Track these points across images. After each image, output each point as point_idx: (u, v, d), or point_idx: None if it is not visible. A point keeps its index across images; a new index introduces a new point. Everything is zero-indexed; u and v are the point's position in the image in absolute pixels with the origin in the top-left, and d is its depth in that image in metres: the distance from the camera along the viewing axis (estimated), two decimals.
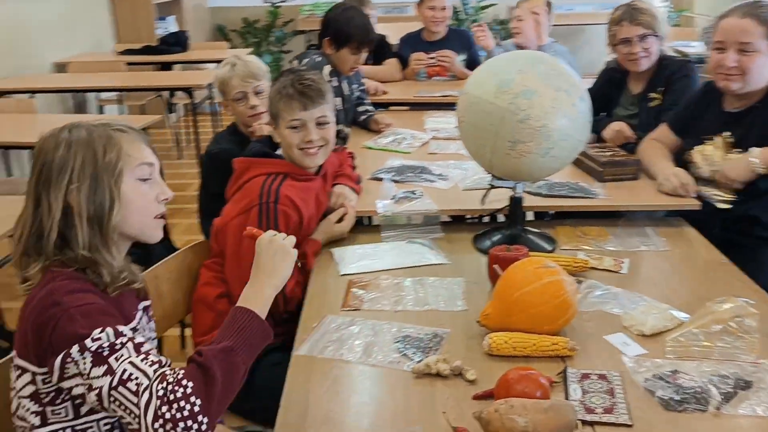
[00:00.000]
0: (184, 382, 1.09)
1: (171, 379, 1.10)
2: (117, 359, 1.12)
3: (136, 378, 1.10)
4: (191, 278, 1.96)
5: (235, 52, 5.82)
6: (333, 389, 1.39)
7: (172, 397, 1.07)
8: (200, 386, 1.10)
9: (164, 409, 1.07)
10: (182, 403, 1.07)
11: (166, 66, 5.85)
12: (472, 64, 3.83)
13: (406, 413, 1.31)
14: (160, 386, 1.09)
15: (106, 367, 1.11)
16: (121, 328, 1.16)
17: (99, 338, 1.12)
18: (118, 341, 1.13)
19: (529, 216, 2.44)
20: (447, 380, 1.40)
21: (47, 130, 1.28)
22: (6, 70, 4.94)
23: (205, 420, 1.09)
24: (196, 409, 1.08)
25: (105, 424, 1.26)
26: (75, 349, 1.11)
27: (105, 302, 1.21)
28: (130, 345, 1.14)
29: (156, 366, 1.12)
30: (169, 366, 1.15)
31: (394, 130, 3.06)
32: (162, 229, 1.36)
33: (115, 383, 1.09)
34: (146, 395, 1.08)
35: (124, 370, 1.11)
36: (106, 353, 1.12)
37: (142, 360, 1.13)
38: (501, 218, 2.16)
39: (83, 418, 1.24)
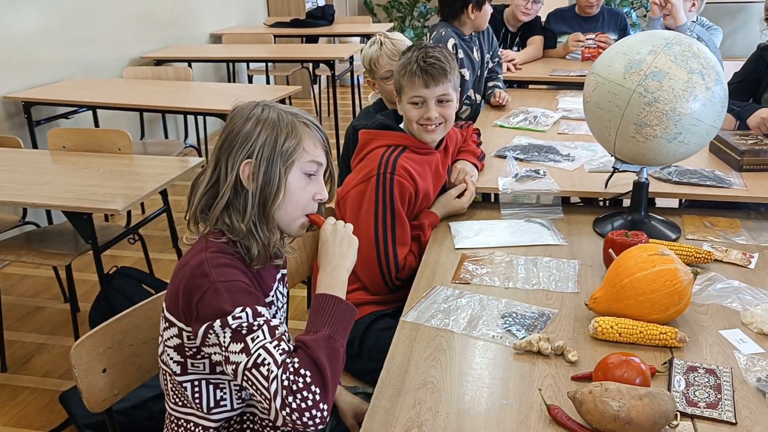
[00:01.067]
0: (302, 371, 1.17)
1: (291, 369, 1.17)
2: (253, 339, 1.19)
3: (268, 364, 1.17)
4: (314, 241, 2.08)
5: (378, 27, 5.94)
6: (434, 356, 1.44)
7: (295, 387, 1.15)
8: (315, 375, 1.17)
9: (290, 399, 1.15)
10: (305, 393, 1.15)
11: (312, 39, 6.08)
12: None
13: (502, 387, 1.34)
14: (284, 376, 1.17)
15: (242, 345, 1.18)
16: (260, 308, 1.23)
17: (240, 317, 1.20)
18: (255, 322, 1.20)
19: (661, 203, 2.37)
20: (548, 359, 1.42)
21: (242, 102, 1.36)
22: (167, 40, 5.34)
23: (325, 407, 1.16)
24: (318, 398, 1.15)
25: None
26: (218, 323, 1.20)
27: (248, 278, 1.30)
28: (266, 327, 1.21)
29: (284, 356, 1.19)
30: (292, 353, 1.23)
31: (524, 108, 3.03)
32: (305, 230, 1.42)
33: (250, 365, 1.18)
34: (275, 384, 1.16)
35: (259, 354, 1.17)
36: (244, 332, 1.19)
37: (275, 347, 1.19)
38: (627, 203, 2.11)
39: (218, 374, 1.36)
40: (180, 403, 1.38)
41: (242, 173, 1.30)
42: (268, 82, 5.73)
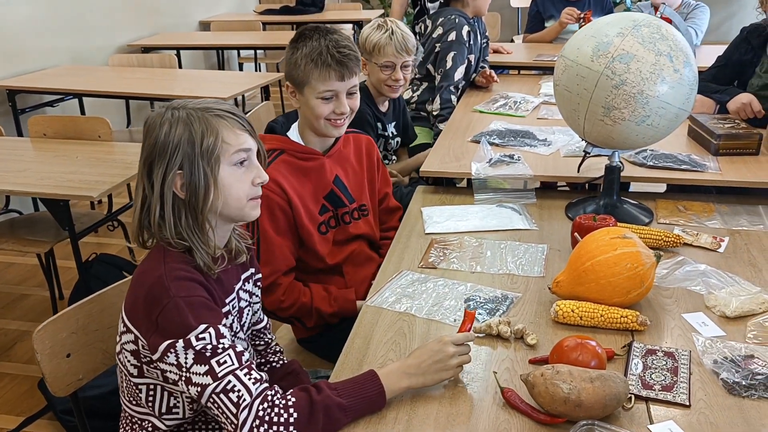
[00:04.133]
0: (292, 411, 1.15)
1: (278, 402, 1.15)
2: (219, 363, 1.17)
3: (239, 391, 1.16)
4: None
5: (370, 14, 5.91)
6: (394, 340, 1.44)
7: (275, 419, 1.14)
8: (303, 422, 1.15)
9: (261, 429, 1.14)
10: (281, 429, 1.14)
11: (302, 26, 6.05)
12: None
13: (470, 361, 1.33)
14: (261, 406, 1.14)
15: (207, 367, 1.17)
16: (222, 329, 1.21)
17: (203, 338, 1.18)
18: (219, 345, 1.18)
19: (648, 188, 2.35)
20: (507, 343, 1.41)
21: (154, 112, 1.32)
22: (155, 27, 5.32)
23: None
24: None
25: None
26: (180, 344, 1.17)
27: (207, 291, 1.28)
28: (232, 353, 1.19)
29: (258, 384, 1.17)
30: (267, 383, 1.21)
31: (505, 93, 3.02)
32: (259, 207, 1.39)
33: (218, 390, 1.17)
34: (246, 412, 1.15)
35: (229, 381, 1.16)
36: (208, 354, 1.17)
37: (245, 374, 1.17)
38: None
39: (172, 383, 1.33)
40: (134, 403, 1.37)
41: (175, 185, 1.26)
42: (257, 70, 5.70)
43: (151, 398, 1.35)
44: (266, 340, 1.61)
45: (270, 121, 1.97)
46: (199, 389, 1.18)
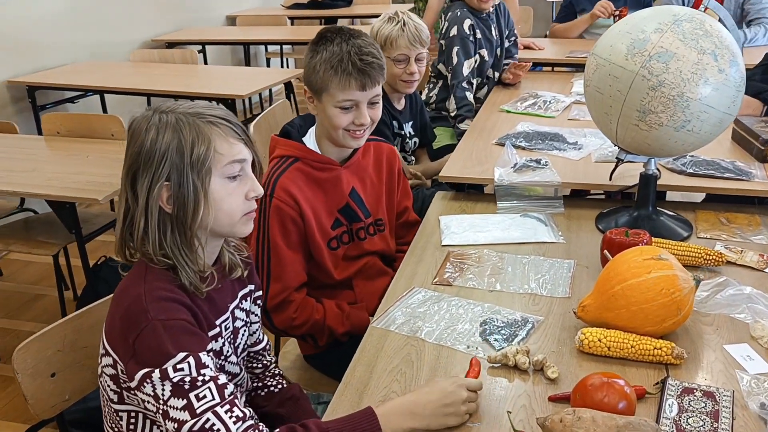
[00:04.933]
0: None
1: None
2: (198, 398, 1.08)
3: (218, 431, 1.07)
4: None
5: (398, 7, 5.77)
6: (399, 369, 1.30)
7: None
8: None
9: None
10: None
11: (331, 20, 5.93)
12: None
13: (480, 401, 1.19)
14: None
15: (186, 402, 1.07)
16: (204, 358, 1.11)
17: (181, 368, 1.08)
18: (200, 377, 1.09)
19: (674, 196, 2.18)
20: (526, 375, 1.27)
21: (138, 114, 1.18)
22: (180, 22, 5.25)
23: None
24: None
25: None
26: (156, 375, 1.08)
27: (191, 313, 1.16)
28: (212, 385, 1.09)
29: (240, 423, 1.08)
30: (252, 419, 1.11)
31: (534, 92, 2.85)
32: (252, 222, 1.26)
33: (196, 428, 1.06)
34: None
35: (208, 419, 1.07)
36: (187, 387, 1.08)
37: (226, 411, 1.08)
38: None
39: None
40: (116, 430, 1.26)
41: (161, 198, 1.14)
42: (282, 66, 5.59)
43: (132, 426, 1.23)
44: (265, 362, 1.49)
45: (286, 124, 1.83)
46: (176, 425, 1.07)
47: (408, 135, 2.46)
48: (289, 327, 1.70)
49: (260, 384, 1.49)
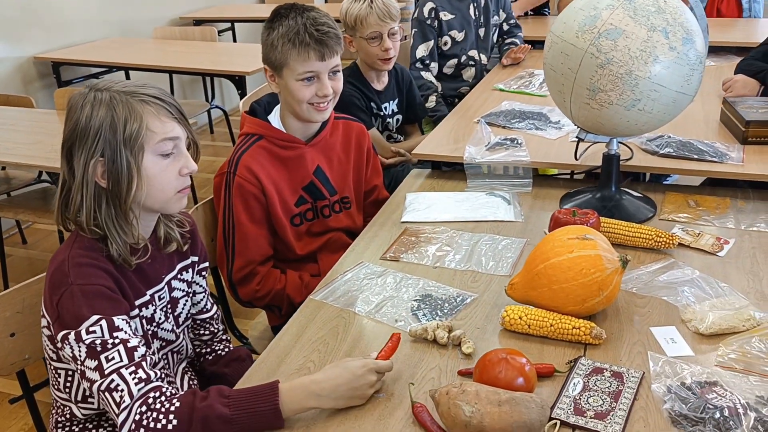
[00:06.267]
0: (172, 417, 1.08)
1: (160, 407, 1.09)
2: (107, 359, 1.12)
3: (121, 391, 1.10)
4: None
5: None
6: (324, 339, 1.33)
7: (152, 425, 1.08)
8: (182, 430, 1.08)
9: None
10: None
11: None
12: None
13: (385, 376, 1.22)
14: (140, 409, 1.09)
15: (96, 362, 1.12)
16: (117, 321, 1.15)
17: (93, 331, 1.13)
18: (111, 339, 1.13)
19: (684, 180, 2.13)
20: (443, 349, 1.28)
21: (78, 92, 1.23)
22: (212, 0, 5.31)
23: None
24: None
25: None
26: (72, 337, 1.13)
27: (113, 280, 1.21)
28: (122, 348, 1.13)
29: (142, 385, 1.11)
30: (158, 381, 1.14)
31: (531, 71, 2.82)
32: (185, 200, 1.30)
33: (103, 387, 1.11)
34: (125, 413, 1.09)
35: (113, 380, 1.11)
36: (98, 349, 1.12)
37: (131, 373, 1.12)
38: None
39: None
40: (56, 387, 1.33)
41: (96, 173, 1.19)
42: None
43: (68, 384, 1.30)
44: (212, 329, 1.54)
45: (253, 102, 1.87)
46: (89, 384, 1.13)
47: (390, 113, 2.46)
48: (254, 298, 1.75)
49: (208, 349, 1.55)
